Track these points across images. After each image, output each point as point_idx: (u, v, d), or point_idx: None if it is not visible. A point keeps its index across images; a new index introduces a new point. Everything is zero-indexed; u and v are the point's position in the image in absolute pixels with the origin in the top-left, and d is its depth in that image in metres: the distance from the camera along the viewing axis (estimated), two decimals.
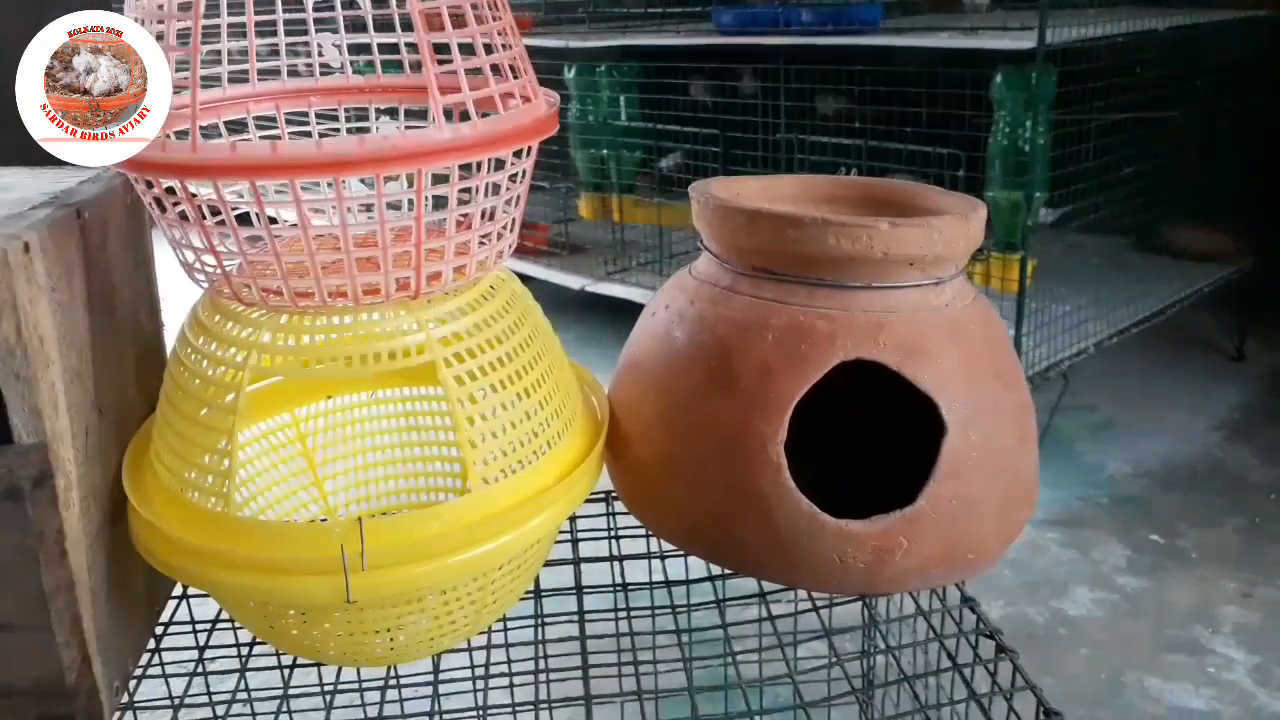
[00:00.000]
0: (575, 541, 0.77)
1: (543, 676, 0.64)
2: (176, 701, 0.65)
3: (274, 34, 0.62)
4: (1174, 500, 1.65)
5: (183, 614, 0.72)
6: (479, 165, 0.54)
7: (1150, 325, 1.81)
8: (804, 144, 1.90)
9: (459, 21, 0.53)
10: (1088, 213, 1.72)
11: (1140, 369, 2.12)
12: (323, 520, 0.74)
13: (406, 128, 0.67)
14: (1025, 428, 0.61)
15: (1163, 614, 1.37)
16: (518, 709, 0.67)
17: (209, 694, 0.70)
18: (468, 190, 0.55)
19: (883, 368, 0.56)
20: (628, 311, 1.71)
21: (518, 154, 0.57)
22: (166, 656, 0.69)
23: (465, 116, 0.52)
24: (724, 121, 2.05)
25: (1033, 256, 1.66)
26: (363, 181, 0.54)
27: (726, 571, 0.72)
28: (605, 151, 2.43)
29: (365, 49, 0.65)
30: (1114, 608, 1.39)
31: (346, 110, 0.68)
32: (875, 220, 0.56)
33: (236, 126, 0.65)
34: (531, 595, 0.72)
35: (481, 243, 0.58)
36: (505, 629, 0.76)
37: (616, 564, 0.76)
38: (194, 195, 0.53)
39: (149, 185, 0.54)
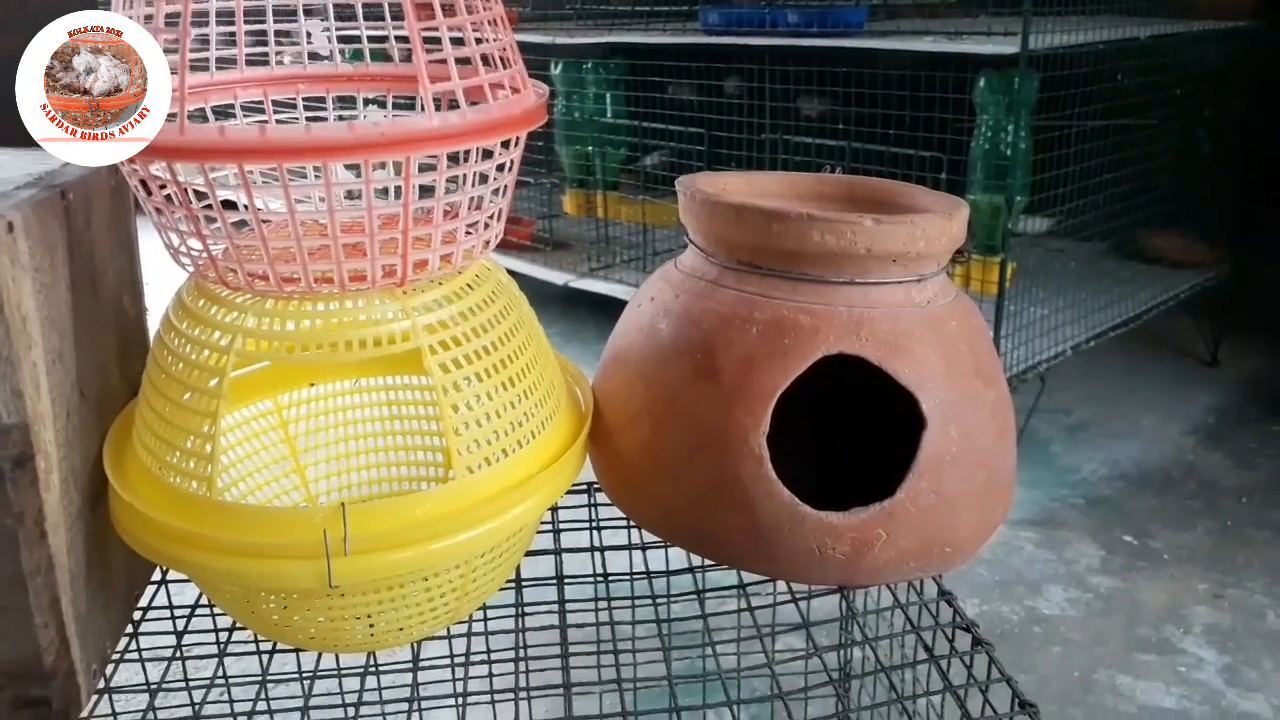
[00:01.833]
0: (557, 532, 0.77)
1: (522, 665, 0.65)
2: (154, 686, 0.65)
3: (262, 20, 0.62)
4: (1147, 502, 1.67)
5: (161, 599, 0.72)
6: (467, 154, 0.54)
7: (1126, 330, 1.83)
8: (788, 144, 1.91)
9: (449, 11, 0.53)
10: (1067, 218, 1.73)
11: (1116, 373, 2.14)
12: (304, 507, 0.74)
13: (394, 117, 0.67)
14: (1004, 424, 0.61)
15: (1135, 614, 1.39)
16: (496, 696, 0.68)
17: (186, 680, 0.70)
18: (454, 179, 0.55)
19: (864, 362, 0.57)
20: (610, 308, 1.71)
21: (505, 144, 0.57)
22: (144, 642, 0.69)
23: (454, 106, 0.53)
24: (709, 121, 2.06)
25: (1012, 260, 1.67)
26: (348, 168, 0.54)
27: (707, 563, 0.73)
28: (590, 148, 2.43)
29: (354, 37, 0.65)
30: (1087, 607, 1.40)
31: (334, 99, 0.68)
32: (859, 216, 0.57)
33: (223, 113, 0.65)
34: (512, 585, 0.72)
35: (468, 231, 0.58)
36: (485, 618, 0.76)
37: (597, 555, 0.76)
38: (180, 179, 0.53)
39: (135, 168, 0.53)
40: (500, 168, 0.58)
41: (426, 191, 0.55)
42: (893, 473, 0.57)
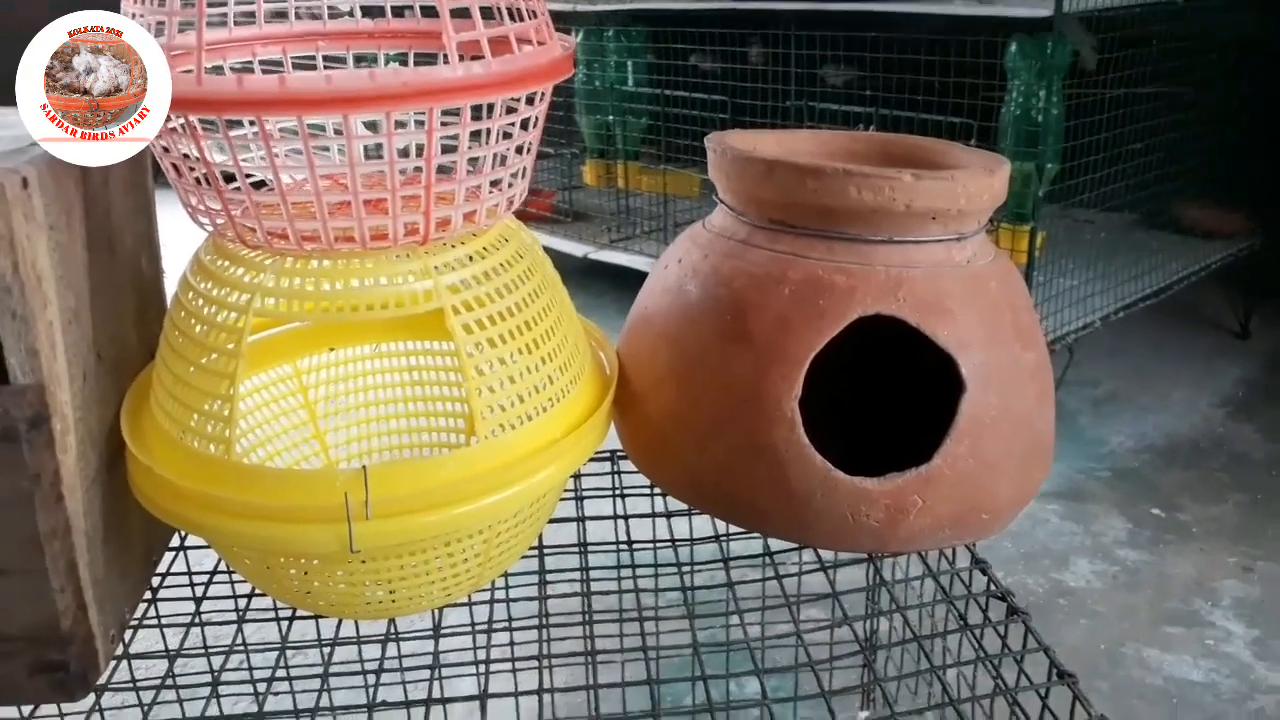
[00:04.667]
0: (579, 499, 0.76)
1: (545, 633, 0.64)
2: (172, 653, 0.65)
3: None
4: (1175, 475, 1.64)
5: (180, 566, 0.71)
6: (491, 108, 0.53)
7: (1156, 301, 1.80)
8: (813, 112, 1.88)
9: None
10: (1098, 186, 1.70)
11: (1145, 345, 2.11)
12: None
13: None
14: (1044, 388, 0.60)
15: (1162, 587, 1.37)
16: (518, 664, 0.67)
17: (205, 646, 0.69)
18: (477, 134, 0.53)
19: (902, 324, 0.55)
20: (630, 280, 1.69)
21: (530, 100, 0.55)
22: (163, 608, 0.68)
23: (477, 59, 0.51)
24: (732, 89, 2.02)
25: (1042, 229, 1.64)
26: (368, 126, 0.53)
27: (732, 531, 0.71)
28: (611, 118, 2.40)
29: None
30: (1114, 579, 1.38)
31: (354, 57, 0.66)
32: (898, 172, 0.55)
33: (242, 70, 0.63)
34: (534, 553, 0.71)
35: (491, 189, 0.57)
36: (507, 586, 0.75)
37: (621, 523, 0.75)
38: (199, 133, 0.51)
39: None
40: (524, 124, 0.56)
41: (448, 150, 0.53)
42: (929, 437, 0.56)
